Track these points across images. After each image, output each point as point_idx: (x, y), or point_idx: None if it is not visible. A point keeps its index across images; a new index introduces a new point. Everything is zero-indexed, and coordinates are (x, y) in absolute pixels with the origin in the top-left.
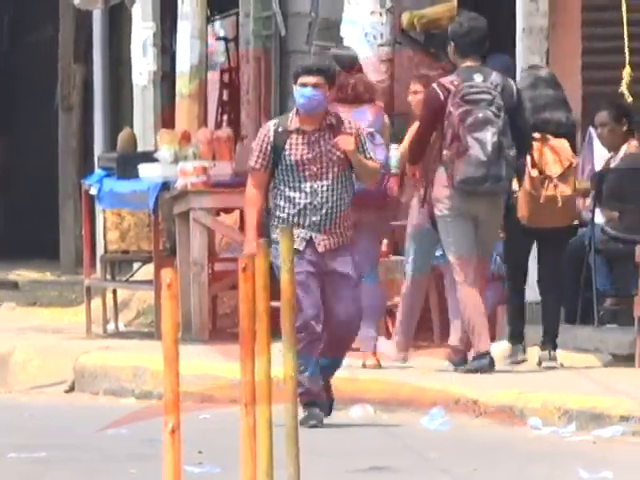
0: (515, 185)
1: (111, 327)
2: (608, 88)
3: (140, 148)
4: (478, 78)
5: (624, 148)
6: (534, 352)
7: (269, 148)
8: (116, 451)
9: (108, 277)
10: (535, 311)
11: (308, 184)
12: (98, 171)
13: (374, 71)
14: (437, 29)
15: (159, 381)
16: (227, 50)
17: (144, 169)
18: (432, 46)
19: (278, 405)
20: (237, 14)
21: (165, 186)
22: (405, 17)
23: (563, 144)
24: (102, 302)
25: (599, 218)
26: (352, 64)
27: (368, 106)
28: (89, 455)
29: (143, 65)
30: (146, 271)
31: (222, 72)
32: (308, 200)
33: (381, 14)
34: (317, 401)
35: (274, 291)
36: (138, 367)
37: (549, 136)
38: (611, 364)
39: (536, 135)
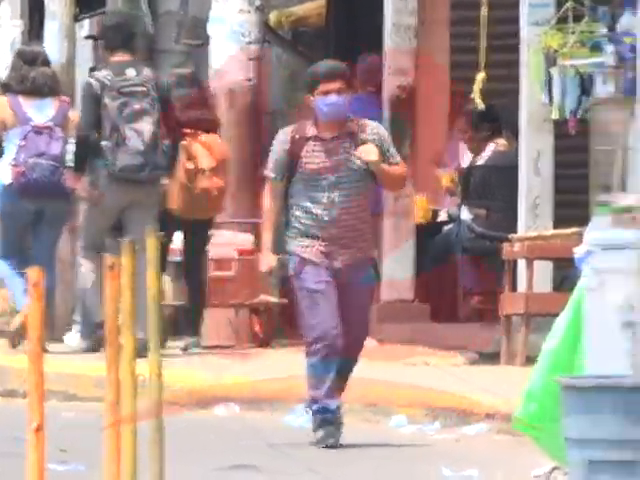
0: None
1: None
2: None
3: None
4: (131, 72)
5: (491, 146)
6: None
7: (285, 156)
8: None
9: None
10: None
11: (326, 194)
12: None
13: (241, 69)
14: (305, 27)
15: (24, 379)
16: (96, 49)
17: None
18: (300, 44)
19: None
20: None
21: None
22: (273, 15)
23: (215, 139)
24: None
25: (465, 215)
26: (34, 58)
27: (51, 99)
28: None
29: None
30: None
31: (91, 70)
32: (326, 211)
33: (250, 12)
34: (334, 419)
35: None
36: (2, 366)
37: (200, 132)
38: (477, 362)
39: (187, 130)
